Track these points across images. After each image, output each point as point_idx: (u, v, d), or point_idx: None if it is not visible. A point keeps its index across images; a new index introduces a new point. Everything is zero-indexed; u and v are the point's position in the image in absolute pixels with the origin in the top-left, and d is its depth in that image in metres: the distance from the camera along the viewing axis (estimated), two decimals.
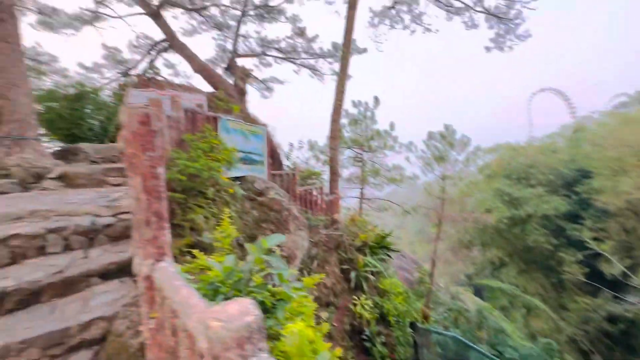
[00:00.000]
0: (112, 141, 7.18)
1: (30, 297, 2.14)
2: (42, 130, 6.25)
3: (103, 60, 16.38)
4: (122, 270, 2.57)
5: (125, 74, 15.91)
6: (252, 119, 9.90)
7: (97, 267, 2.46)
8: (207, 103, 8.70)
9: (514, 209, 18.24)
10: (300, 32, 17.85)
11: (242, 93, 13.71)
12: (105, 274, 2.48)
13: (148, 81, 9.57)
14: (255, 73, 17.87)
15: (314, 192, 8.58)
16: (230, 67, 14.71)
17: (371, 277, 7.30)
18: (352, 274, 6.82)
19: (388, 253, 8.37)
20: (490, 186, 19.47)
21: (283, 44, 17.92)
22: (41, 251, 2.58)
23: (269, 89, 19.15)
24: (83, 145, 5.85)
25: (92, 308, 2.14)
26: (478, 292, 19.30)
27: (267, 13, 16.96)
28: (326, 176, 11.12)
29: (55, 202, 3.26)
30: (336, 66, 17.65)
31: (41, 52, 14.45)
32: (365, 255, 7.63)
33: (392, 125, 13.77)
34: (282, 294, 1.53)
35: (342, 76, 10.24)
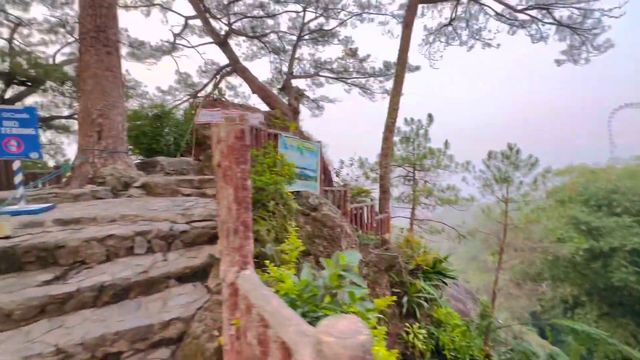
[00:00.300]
0: (182, 155, 7.95)
1: (121, 293, 2.39)
2: (129, 145, 7.19)
3: (176, 84, 18.55)
4: (195, 275, 2.75)
5: (194, 95, 17.77)
6: (306, 137, 10.24)
7: (174, 270, 2.66)
8: (265, 121, 9.24)
9: (593, 240, 15.85)
10: (352, 53, 18.31)
11: (295, 112, 14.34)
12: (181, 277, 2.67)
13: (214, 101, 10.54)
14: (308, 92, 18.67)
15: (365, 210, 8.44)
16: (285, 88, 15.56)
17: (425, 304, 6.82)
18: (405, 299, 6.45)
19: (444, 280, 7.79)
20: (563, 213, 17.27)
21: (335, 65, 18.56)
22: (130, 251, 2.88)
23: (320, 108, 19.81)
24: (160, 159, 6.56)
25: (171, 308, 2.30)
26: (542, 333, 16.86)
27: (321, 37, 17.79)
28: (376, 194, 10.92)
29: (140, 208, 3.66)
30: (387, 84, 17.65)
31: (129, 78, 16.83)
32: (418, 279, 7.19)
33: (447, 144, 13.16)
34: (360, 315, 1.49)
35: (396, 94, 10.17)
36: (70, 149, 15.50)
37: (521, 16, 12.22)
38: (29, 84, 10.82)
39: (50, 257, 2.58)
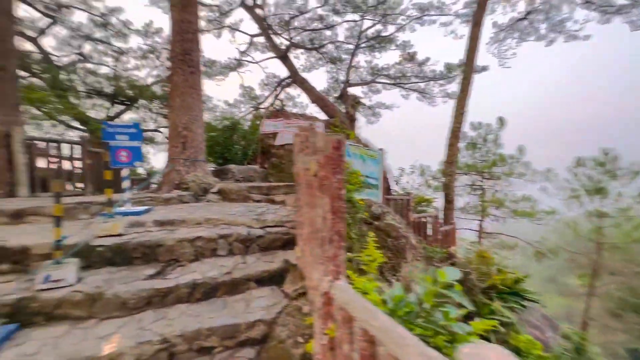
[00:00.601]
0: (249, 163, 8.50)
1: (210, 291, 2.59)
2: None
3: (240, 98, 20.07)
4: (272, 279, 2.86)
5: (257, 107, 19.02)
6: (364, 144, 10.17)
7: (254, 273, 2.80)
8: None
9: None
10: (410, 57, 17.80)
11: (352, 119, 14.38)
12: (260, 280, 2.80)
13: (277, 112, 11.11)
14: (364, 100, 18.61)
15: (428, 221, 7.99)
16: (342, 96, 15.74)
17: (500, 328, 6.11)
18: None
19: (522, 302, 6.91)
20: None
21: (392, 71, 18.23)
22: (214, 252, 3.13)
23: (376, 115, 19.57)
24: (231, 166, 7.09)
25: (254, 310, 2.42)
26: None
27: (378, 43, 17.66)
28: (438, 203, 10.27)
29: (220, 213, 3.97)
30: (449, 87, 16.68)
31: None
32: (491, 300, 6.49)
33: (521, 149, 11.83)
34: (461, 337, 1.37)
35: (462, 97, 9.52)
36: (154, 158, 17.76)
37: (619, 1, 10.54)
38: (127, 102, 12.77)
39: (152, 254, 2.93)
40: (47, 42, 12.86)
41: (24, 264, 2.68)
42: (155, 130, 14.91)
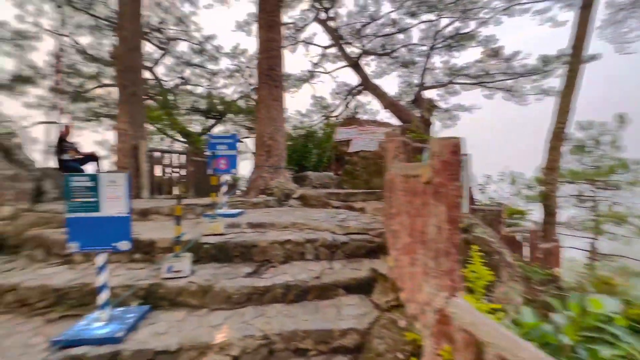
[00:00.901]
0: (325, 170, 8.72)
1: (301, 294, 2.67)
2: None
3: (312, 107, 20.90)
4: (360, 287, 2.81)
5: (328, 116, 19.55)
6: None
7: (342, 280, 2.80)
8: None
9: None
10: (494, 53, 16.12)
11: (427, 124, 13.62)
12: (348, 287, 2.78)
13: (350, 120, 11.21)
14: (439, 103, 17.47)
15: (524, 236, 6.96)
16: (416, 100, 15.05)
17: None
18: None
19: None
20: None
21: (473, 70, 16.74)
22: (302, 256, 3.24)
23: (453, 118, 18.16)
24: (309, 173, 7.36)
25: (345, 317, 2.40)
26: None
27: (457, 42, 16.46)
28: (534, 216, 8.88)
29: (303, 217, 4.12)
30: (546, 82, 14.51)
31: None
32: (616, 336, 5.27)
33: None
34: None
35: (567, 92, 8.13)
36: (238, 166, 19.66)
37: None
38: (218, 117, 14.53)
39: (248, 253, 3.18)
40: (159, 70, 15.54)
41: (151, 255, 3.20)
42: (238, 141, 16.51)
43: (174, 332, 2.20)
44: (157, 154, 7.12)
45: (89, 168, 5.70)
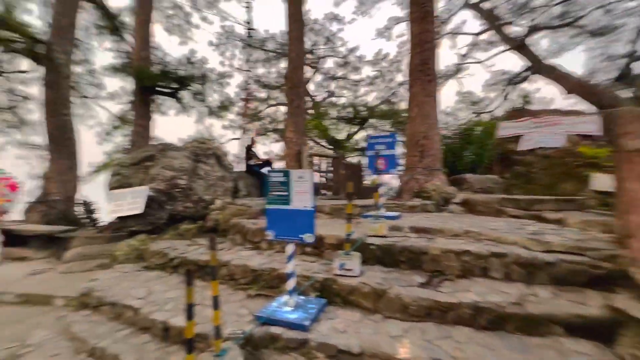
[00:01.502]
0: (484, 173, 7.38)
1: (496, 320, 2.12)
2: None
3: (458, 105, 18.66)
4: (590, 330, 1.98)
5: (478, 112, 16.97)
6: None
7: (559, 314, 2.05)
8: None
9: None
10: None
11: None
12: (569, 327, 2.01)
13: (518, 112, 9.20)
14: None
15: None
16: (624, 76, 10.85)
17: None
18: None
19: None
20: None
21: None
22: (484, 272, 2.64)
23: None
24: (467, 176, 6.38)
25: None
26: None
27: None
28: None
29: (477, 226, 3.44)
30: None
31: None
32: None
33: None
34: None
35: None
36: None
37: None
38: (360, 123, 15.12)
39: (417, 260, 2.85)
40: (310, 87, 17.67)
41: (320, 249, 3.36)
42: (398, 140, 16.69)
43: (352, 332, 2.12)
44: (315, 159, 7.90)
45: (266, 171, 6.88)
